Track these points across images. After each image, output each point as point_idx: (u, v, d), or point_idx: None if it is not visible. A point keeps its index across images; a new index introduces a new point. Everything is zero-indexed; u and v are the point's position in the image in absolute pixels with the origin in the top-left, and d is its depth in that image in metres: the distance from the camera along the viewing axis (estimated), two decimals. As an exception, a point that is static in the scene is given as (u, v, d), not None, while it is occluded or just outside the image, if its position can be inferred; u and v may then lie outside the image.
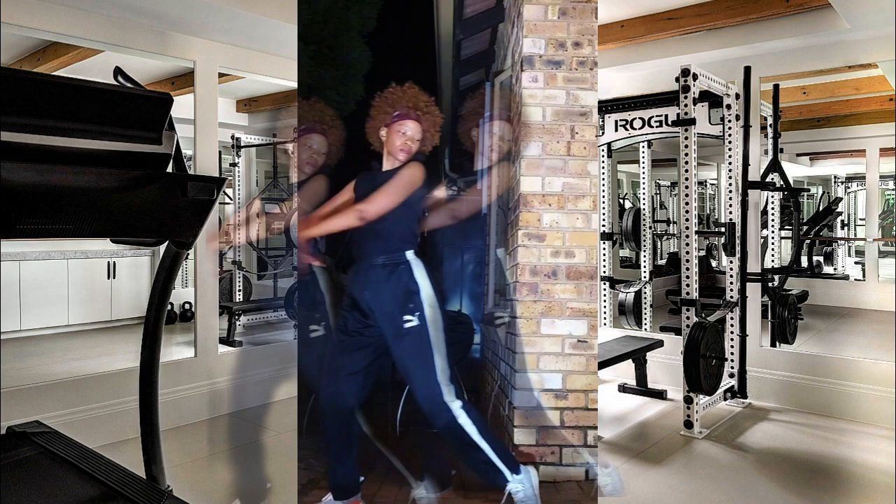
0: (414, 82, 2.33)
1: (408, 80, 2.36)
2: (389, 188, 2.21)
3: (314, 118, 2.52)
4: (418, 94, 2.30)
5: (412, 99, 2.28)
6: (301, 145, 2.51)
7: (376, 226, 2.20)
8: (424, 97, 2.30)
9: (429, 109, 2.30)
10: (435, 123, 2.32)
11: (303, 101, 2.57)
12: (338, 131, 2.59)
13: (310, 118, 2.51)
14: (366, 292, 2.21)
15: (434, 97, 2.33)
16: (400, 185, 2.22)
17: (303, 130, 2.52)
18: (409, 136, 2.27)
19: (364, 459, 2.27)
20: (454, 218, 2.61)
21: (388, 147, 2.30)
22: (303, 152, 2.51)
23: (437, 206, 2.56)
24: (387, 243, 2.23)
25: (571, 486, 2.39)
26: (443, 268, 2.87)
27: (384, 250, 2.22)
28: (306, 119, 2.52)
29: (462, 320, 2.79)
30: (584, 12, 2.49)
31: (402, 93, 2.29)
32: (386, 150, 2.31)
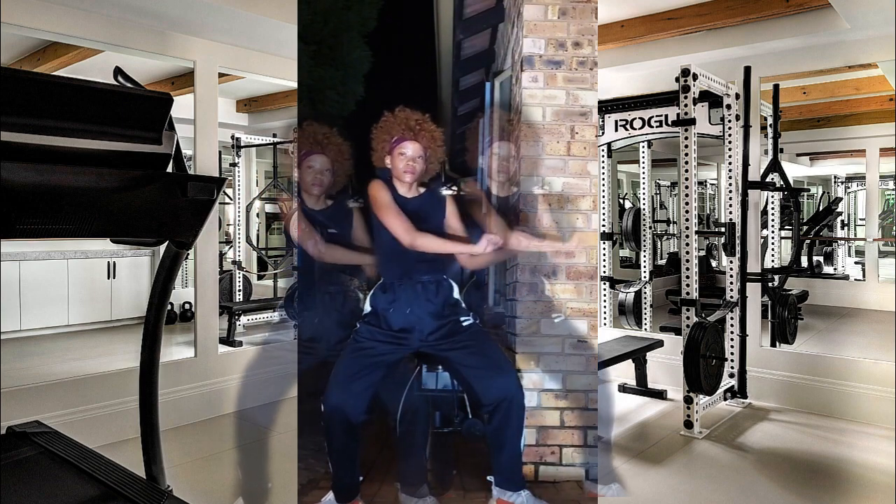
0: (407, 101, 2.38)
1: (405, 85, 2.38)
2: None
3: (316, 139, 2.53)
4: (409, 116, 2.33)
5: (403, 121, 2.32)
6: (306, 167, 2.52)
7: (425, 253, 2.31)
8: (416, 116, 2.33)
9: (422, 126, 2.33)
10: (434, 139, 2.35)
11: (302, 126, 2.56)
12: (343, 150, 2.58)
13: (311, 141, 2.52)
14: (408, 309, 2.28)
15: (428, 114, 2.35)
16: (461, 230, 2.38)
17: (305, 154, 2.52)
18: (410, 157, 2.31)
19: (364, 459, 2.27)
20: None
21: (395, 172, 2.35)
22: (307, 175, 2.51)
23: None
24: (433, 265, 2.33)
25: (571, 486, 2.39)
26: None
27: (430, 271, 2.33)
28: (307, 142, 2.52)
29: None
30: (584, 12, 2.49)
31: (394, 118, 2.34)
32: (394, 176, 2.35)
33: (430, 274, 2.32)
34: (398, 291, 2.30)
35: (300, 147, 2.52)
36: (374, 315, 2.30)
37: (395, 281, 2.31)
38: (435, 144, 2.36)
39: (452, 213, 2.39)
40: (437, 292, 2.30)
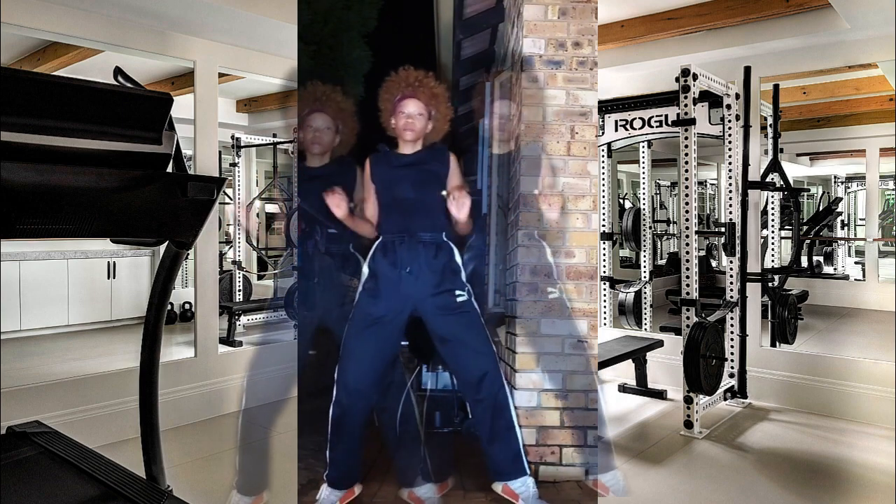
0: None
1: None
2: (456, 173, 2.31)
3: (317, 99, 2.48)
4: (410, 73, 2.32)
5: (405, 79, 2.32)
6: (306, 127, 2.46)
7: (426, 201, 2.26)
8: (417, 74, 2.32)
9: (422, 83, 2.31)
10: (434, 95, 2.32)
11: (302, 88, 2.52)
12: (347, 112, 2.52)
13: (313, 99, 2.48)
14: (406, 270, 2.23)
15: (432, 72, 2.33)
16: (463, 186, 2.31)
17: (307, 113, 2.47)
18: (409, 114, 2.30)
19: (364, 458, 2.27)
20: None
21: (397, 131, 2.33)
22: (307, 133, 2.45)
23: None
24: (434, 221, 2.27)
25: (571, 486, 2.39)
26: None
27: (430, 227, 2.26)
28: (309, 102, 2.48)
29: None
30: (584, 12, 2.49)
31: (397, 76, 2.33)
32: (397, 135, 2.34)
33: (430, 232, 2.26)
34: (398, 251, 2.25)
35: (301, 108, 2.48)
36: (373, 278, 2.25)
37: (396, 238, 2.26)
38: (437, 101, 2.33)
39: (455, 171, 2.33)
40: (437, 255, 2.25)
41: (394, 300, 2.22)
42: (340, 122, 2.52)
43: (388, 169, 2.32)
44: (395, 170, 2.31)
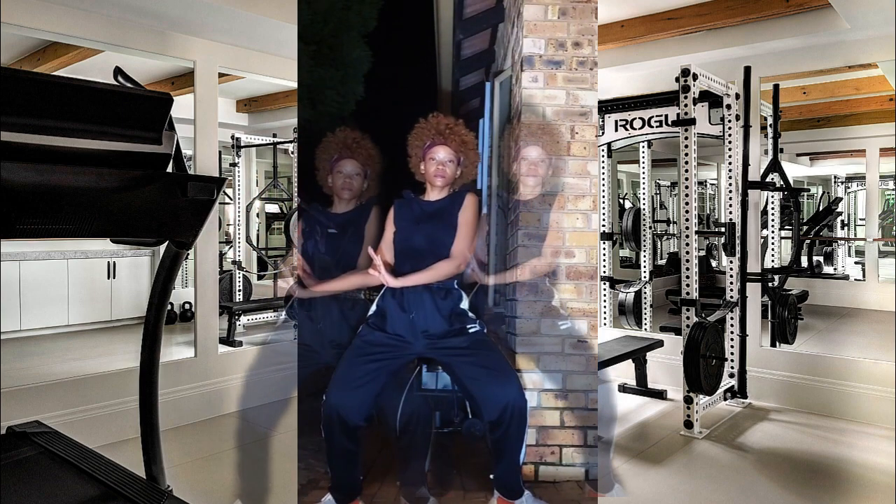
0: (407, 101, 2.38)
1: (405, 86, 2.38)
2: (463, 232, 2.31)
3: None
4: (440, 120, 2.35)
5: (434, 126, 2.34)
6: (336, 173, 2.52)
7: (440, 253, 2.28)
8: (447, 120, 2.35)
9: (453, 130, 2.33)
10: (464, 143, 2.35)
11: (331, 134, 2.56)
12: (375, 159, 2.57)
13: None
14: (413, 314, 2.25)
15: (461, 119, 2.37)
16: (472, 224, 2.32)
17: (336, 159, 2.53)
18: (440, 161, 2.32)
19: (364, 460, 2.26)
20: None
21: (427, 177, 2.35)
22: (337, 179, 2.52)
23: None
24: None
25: (571, 486, 2.39)
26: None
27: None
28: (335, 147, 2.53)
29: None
30: (584, 12, 2.49)
31: (427, 124, 2.36)
32: (426, 181, 2.37)
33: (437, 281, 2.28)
34: (407, 294, 2.27)
35: (329, 153, 2.53)
36: (380, 316, 2.28)
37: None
38: (467, 148, 2.36)
39: (469, 206, 2.33)
40: (446, 299, 2.28)
41: (396, 338, 2.24)
42: (370, 168, 2.56)
43: (411, 218, 2.35)
44: (418, 219, 2.34)
